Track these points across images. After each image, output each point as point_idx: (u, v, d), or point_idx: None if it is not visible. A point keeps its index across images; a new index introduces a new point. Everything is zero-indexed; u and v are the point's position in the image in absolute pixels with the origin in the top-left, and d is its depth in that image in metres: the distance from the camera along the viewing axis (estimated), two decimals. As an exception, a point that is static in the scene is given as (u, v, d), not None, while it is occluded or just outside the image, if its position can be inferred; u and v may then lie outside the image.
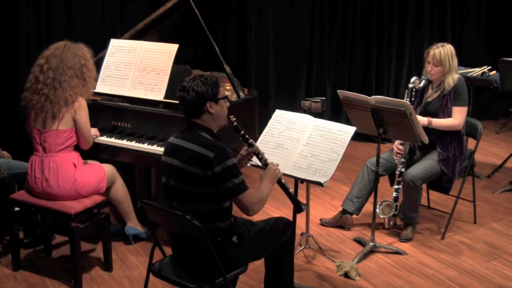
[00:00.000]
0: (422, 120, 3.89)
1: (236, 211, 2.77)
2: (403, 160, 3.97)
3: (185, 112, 2.73)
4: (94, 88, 3.56)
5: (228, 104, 2.80)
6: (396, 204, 4.02)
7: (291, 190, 3.03)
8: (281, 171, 2.94)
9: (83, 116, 3.43)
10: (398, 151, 3.99)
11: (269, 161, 2.93)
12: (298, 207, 3.05)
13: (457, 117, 3.94)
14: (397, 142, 4.02)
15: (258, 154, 2.92)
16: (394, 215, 4.09)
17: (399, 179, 3.99)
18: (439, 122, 3.93)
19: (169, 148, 2.75)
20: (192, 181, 2.61)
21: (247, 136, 2.90)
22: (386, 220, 4.14)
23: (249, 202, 2.66)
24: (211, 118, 2.72)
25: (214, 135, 2.73)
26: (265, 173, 2.87)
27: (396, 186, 4.01)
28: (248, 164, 3.12)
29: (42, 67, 3.39)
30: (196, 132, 2.70)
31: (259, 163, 2.96)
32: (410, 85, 3.97)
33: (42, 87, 3.35)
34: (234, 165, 2.63)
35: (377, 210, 3.99)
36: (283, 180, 2.97)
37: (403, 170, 3.97)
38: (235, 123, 2.86)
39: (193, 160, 2.61)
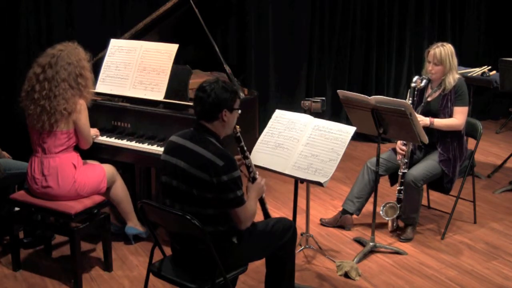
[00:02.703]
0: (424, 120, 3.89)
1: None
2: (406, 160, 3.97)
3: (199, 113, 2.70)
4: (94, 90, 3.54)
5: (238, 114, 2.81)
6: (400, 205, 4.02)
7: (267, 206, 3.15)
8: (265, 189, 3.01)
9: (83, 117, 3.42)
10: (401, 151, 3.99)
11: (257, 175, 2.96)
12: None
13: (459, 117, 3.94)
14: (399, 142, 4.02)
15: (250, 167, 2.95)
16: (398, 217, 4.09)
17: (402, 180, 3.98)
18: (440, 122, 3.93)
19: (172, 148, 2.73)
20: (196, 184, 2.60)
21: (245, 148, 2.93)
22: (390, 223, 4.14)
23: (244, 216, 2.67)
24: (221, 125, 2.72)
25: (221, 142, 2.72)
26: (252, 187, 2.89)
27: (399, 187, 4.00)
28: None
29: (38, 76, 3.35)
30: (205, 137, 2.68)
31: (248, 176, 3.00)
32: (413, 85, 3.98)
33: (38, 97, 3.33)
34: (239, 177, 2.63)
35: (381, 212, 3.99)
36: (263, 195, 3.05)
37: (405, 171, 3.96)
38: (238, 134, 2.87)
39: (202, 165, 2.58)
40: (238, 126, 2.86)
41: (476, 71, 5.64)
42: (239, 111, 2.79)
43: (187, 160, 2.63)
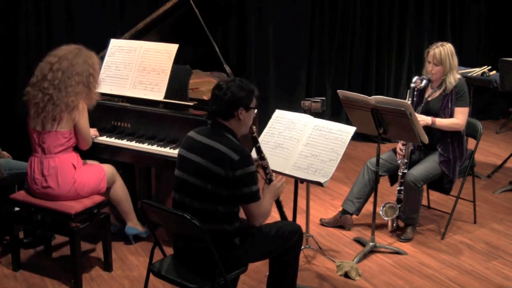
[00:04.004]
0: (426, 119, 3.89)
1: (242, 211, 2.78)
2: (405, 161, 3.97)
3: (215, 111, 2.72)
4: (98, 97, 3.55)
5: (255, 114, 2.81)
6: (399, 206, 4.02)
7: (284, 209, 3.13)
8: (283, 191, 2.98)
9: (83, 118, 3.42)
10: (400, 152, 4.00)
11: (273, 177, 2.96)
12: None
13: (460, 117, 3.94)
14: (400, 142, 4.02)
15: (266, 169, 2.95)
16: (397, 217, 4.09)
17: (402, 181, 3.98)
18: (442, 122, 3.93)
19: (190, 143, 2.74)
20: (212, 180, 2.61)
21: (261, 149, 2.93)
22: (389, 223, 4.14)
23: (258, 213, 2.68)
24: (237, 123, 2.73)
25: (238, 139, 2.74)
26: (268, 189, 2.89)
27: (399, 188, 4.00)
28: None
29: (52, 66, 3.37)
30: (222, 133, 2.70)
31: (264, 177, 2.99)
32: (412, 85, 3.98)
33: (48, 86, 3.33)
34: (254, 172, 2.64)
35: (381, 212, 4.00)
36: (280, 198, 3.05)
37: (405, 171, 3.96)
38: (254, 134, 2.88)
39: (217, 159, 2.60)
40: (254, 126, 2.87)
41: (476, 71, 5.64)
42: (256, 110, 2.80)
43: (203, 155, 2.64)
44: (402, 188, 3.99)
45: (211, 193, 2.62)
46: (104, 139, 3.82)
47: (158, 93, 3.80)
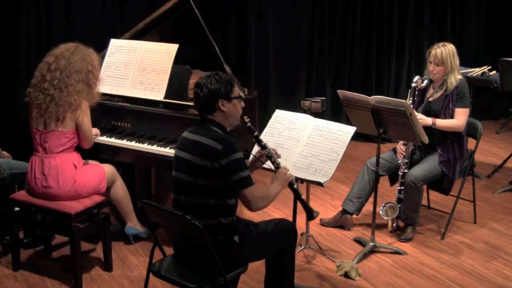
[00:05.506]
0: (427, 120, 3.90)
1: (239, 211, 2.77)
2: (406, 160, 3.97)
3: (198, 108, 2.77)
4: (99, 95, 3.55)
5: (242, 104, 2.81)
6: (400, 205, 4.02)
7: (303, 196, 3.05)
8: (293, 176, 2.95)
9: (86, 117, 3.42)
10: (401, 151, 4.00)
11: (281, 165, 2.94)
12: (309, 214, 3.05)
13: (460, 118, 3.95)
14: (401, 142, 4.02)
15: (271, 157, 2.94)
16: (398, 217, 4.09)
17: (402, 180, 3.98)
18: (442, 123, 3.94)
19: (182, 143, 2.78)
20: (200, 174, 2.63)
21: (260, 138, 2.92)
22: (389, 223, 4.14)
23: (253, 197, 2.68)
24: (223, 116, 2.74)
25: (225, 131, 2.75)
26: (275, 176, 2.89)
27: (399, 187, 4.01)
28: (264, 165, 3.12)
29: (50, 66, 3.36)
30: (208, 127, 2.73)
31: (272, 167, 2.98)
32: (413, 85, 3.98)
33: (48, 87, 3.33)
34: (241, 159, 2.65)
35: (381, 212, 4.00)
36: (295, 186, 2.99)
37: (406, 171, 3.97)
38: (248, 124, 2.88)
39: (202, 152, 2.63)
40: (246, 116, 2.85)
41: (476, 71, 5.64)
42: (240, 100, 2.79)
43: (191, 151, 2.68)
44: (402, 188, 3.99)
45: (201, 188, 2.64)
46: (104, 139, 3.82)
47: (158, 93, 3.80)
